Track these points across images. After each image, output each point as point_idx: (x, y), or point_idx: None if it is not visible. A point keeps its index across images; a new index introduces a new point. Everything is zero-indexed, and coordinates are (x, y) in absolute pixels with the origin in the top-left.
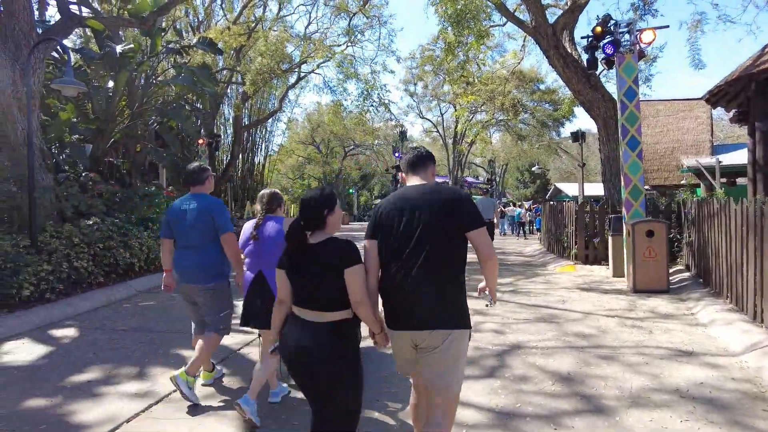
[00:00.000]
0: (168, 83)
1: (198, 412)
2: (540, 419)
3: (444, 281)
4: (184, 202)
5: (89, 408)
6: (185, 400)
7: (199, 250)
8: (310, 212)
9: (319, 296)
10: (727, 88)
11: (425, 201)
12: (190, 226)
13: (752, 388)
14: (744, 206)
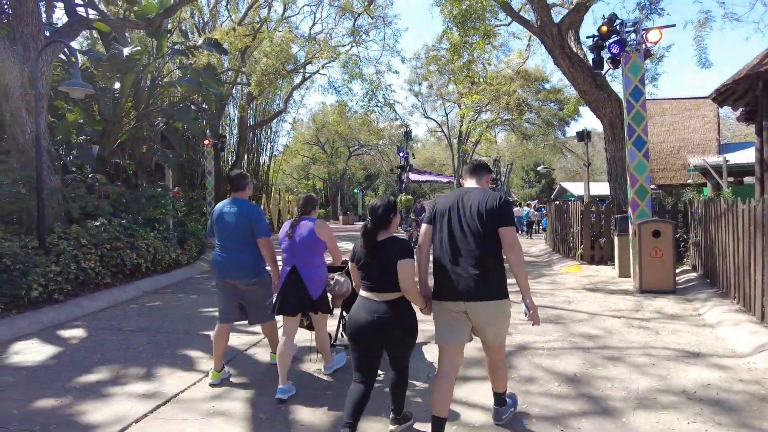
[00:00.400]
0: (174, 84)
1: (207, 410)
2: (546, 420)
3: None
4: (226, 205)
5: (98, 408)
6: None
7: (240, 251)
8: (380, 216)
9: (386, 281)
10: (734, 86)
11: (474, 200)
12: (232, 230)
13: (760, 390)
14: (752, 206)
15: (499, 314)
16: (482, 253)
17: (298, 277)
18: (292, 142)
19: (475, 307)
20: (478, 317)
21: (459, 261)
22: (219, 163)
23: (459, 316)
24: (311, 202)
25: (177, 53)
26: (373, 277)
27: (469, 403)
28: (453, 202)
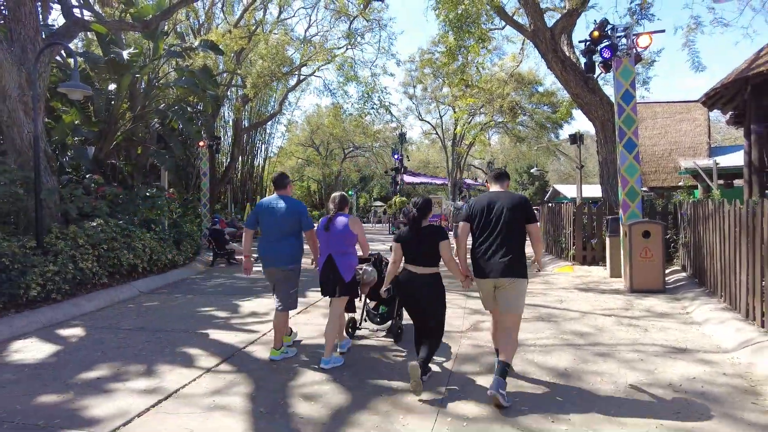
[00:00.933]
0: (170, 86)
1: (208, 405)
2: (538, 412)
3: (516, 246)
4: (272, 201)
5: (100, 403)
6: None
7: (284, 240)
8: (422, 208)
9: (426, 258)
10: (723, 90)
11: (505, 202)
12: (280, 222)
13: (743, 383)
14: (737, 207)
15: (522, 285)
16: (511, 241)
17: (333, 264)
18: (287, 143)
19: (504, 282)
20: (505, 288)
21: (495, 246)
22: (214, 164)
23: (491, 290)
24: (345, 200)
25: (173, 55)
26: (415, 253)
27: (463, 396)
28: (486, 203)
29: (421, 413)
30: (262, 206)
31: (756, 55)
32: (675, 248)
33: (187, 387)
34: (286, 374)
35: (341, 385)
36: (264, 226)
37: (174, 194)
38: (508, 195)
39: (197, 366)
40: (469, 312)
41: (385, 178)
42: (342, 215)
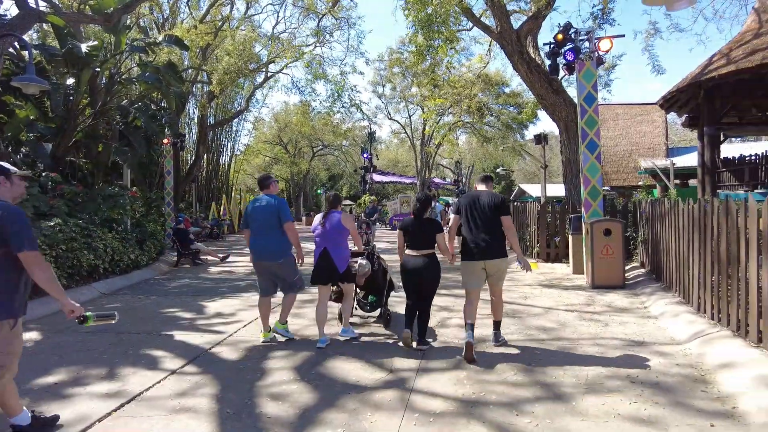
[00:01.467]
0: (133, 81)
1: (173, 407)
2: (503, 406)
3: (498, 236)
4: (257, 200)
5: (58, 409)
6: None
7: (270, 234)
8: (423, 202)
9: (424, 244)
10: (679, 94)
11: (486, 199)
12: (261, 219)
13: (693, 372)
14: (690, 206)
15: (503, 267)
16: (493, 231)
17: (328, 256)
18: (254, 141)
19: (490, 263)
20: (492, 270)
21: (482, 235)
22: (178, 162)
23: (480, 271)
24: (338, 199)
25: (136, 50)
26: (416, 240)
27: (429, 392)
28: (473, 200)
29: (389, 410)
30: (248, 208)
31: (708, 60)
32: (634, 246)
33: (151, 390)
34: (253, 374)
35: (309, 384)
36: (251, 223)
37: (137, 193)
38: (489, 194)
39: (162, 368)
40: (437, 309)
41: (354, 176)
42: (335, 212)
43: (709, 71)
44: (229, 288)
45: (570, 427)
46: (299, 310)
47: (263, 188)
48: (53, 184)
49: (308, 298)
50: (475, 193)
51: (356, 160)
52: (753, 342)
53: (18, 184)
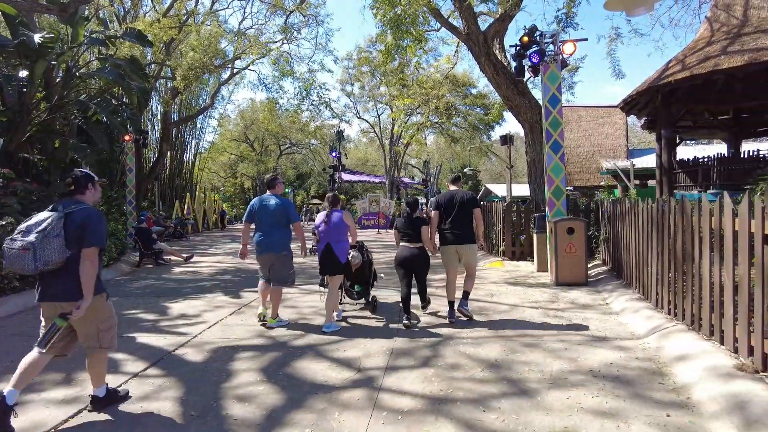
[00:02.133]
0: (92, 76)
1: (140, 409)
2: (470, 403)
3: (469, 226)
4: (264, 198)
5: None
6: None
7: (275, 231)
8: (413, 206)
9: (415, 237)
10: (638, 98)
11: (460, 196)
12: (271, 215)
13: (651, 365)
14: (649, 206)
15: (473, 251)
16: (466, 222)
17: (331, 249)
18: (219, 139)
19: (462, 247)
20: (464, 253)
21: (455, 226)
22: (140, 159)
23: (454, 253)
24: (337, 199)
25: (95, 43)
26: (409, 235)
27: (398, 390)
28: (449, 198)
29: (357, 409)
30: (256, 203)
31: (665, 66)
32: (597, 244)
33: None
34: (218, 376)
35: (276, 384)
36: (258, 219)
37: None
38: (462, 192)
39: (123, 371)
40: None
41: (322, 175)
42: (336, 211)
43: (666, 76)
44: (193, 289)
45: (535, 422)
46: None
47: (270, 188)
48: (5, 181)
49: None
50: (451, 192)
51: (325, 158)
52: (705, 335)
53: (98, 190)
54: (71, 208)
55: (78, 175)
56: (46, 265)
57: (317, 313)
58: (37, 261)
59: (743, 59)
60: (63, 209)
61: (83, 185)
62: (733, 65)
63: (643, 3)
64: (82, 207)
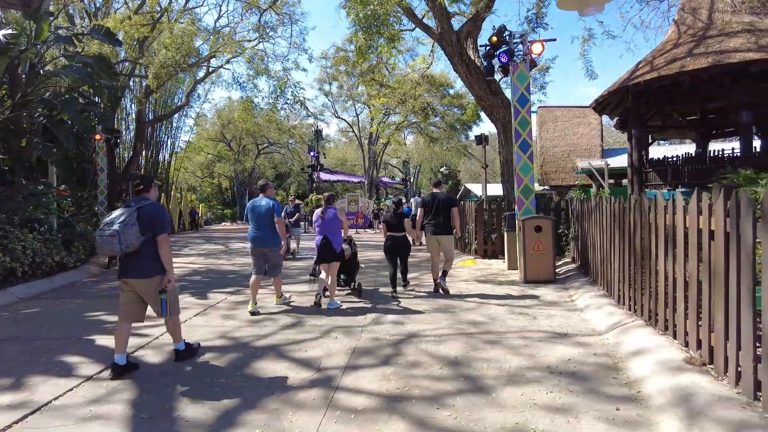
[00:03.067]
0: (58, 74)
1: (83, 416)
2: (425, 400)
3: (448, 221)
4: (257, 200)
5: None
6: None
7: (265, 228)
8: (398, 204)
9: (400, 228)
10: (609, 98)
11: (441, 197)
12: (261, 216)
13: (608, 361)
14: (612, 204)
15: (450, 241)
16: (445, 217)
17: (328, 241)
18: (196, 138)
19: (441, 237)
20: (443, 242)
21: (436, 221)
22: (113, 159)
23: (435, 243)
24: (333, 197)
25: (61, 40)
26: (394, 227)
27: (354, 389)
28: (432, 198)
29: (311, 408)
30: (250, 205)
31: (635, 67)
32: (566, 242)
33: (61, 398)
34: (176, 378)
35: (234, 385)
36: (251, 218)
37: (66, 191)
38: (443, 194)
39: (76, 375)
40: (374, 306)
41: (302, 175)
42: (331, 208)
43: (635, 77)
44: None
45: (488, 419)
46: None
47: (262, 192)
48: None
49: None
50: (433, 194)
51: (304, 158)
52: (661, 330)
53: (157, 188)
54: (141, 204)
55: (144, 179)
56: (128, 248)
57: (285, 313)
58: (122, 244)
59: (707, 61)
60: (135, 205)
61: (148, 186)
62: (698, 67)
63: (594, 3)
64: (149, 202)
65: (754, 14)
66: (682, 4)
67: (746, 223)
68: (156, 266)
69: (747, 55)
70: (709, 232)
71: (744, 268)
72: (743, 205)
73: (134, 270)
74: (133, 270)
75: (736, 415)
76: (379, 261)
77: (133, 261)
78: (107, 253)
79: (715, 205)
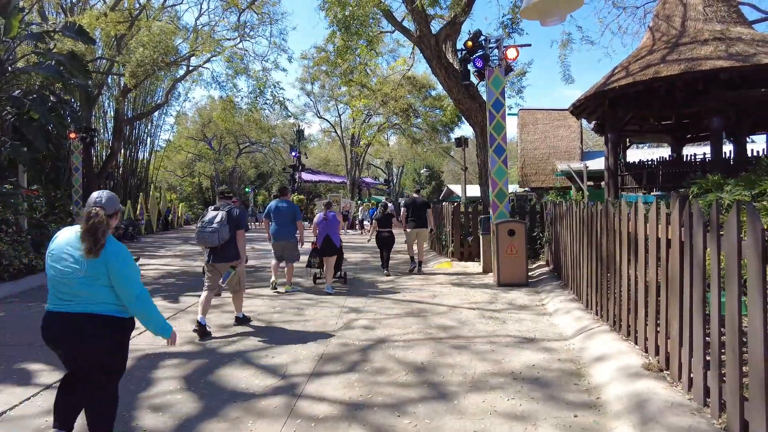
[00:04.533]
0: (27, 71)
1: (38, 426)
2: (387, 408)
3: (424, 218)
4: (278, 202)
5: None
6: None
7: (286, 226)
8: (385, 206)
9: (388, 224)
10: (587, 102)
11: (419, 201)
12: (283, 216)
13: (572, 367)
14: (581, 208)
15: (425, 232)
16: (422, 216)
17: (330, 239)
18: (176, 137)
19: (419, 230)
20: (419, 233)
21: (416, 218)
22: (89, 158)
23: (414, 234)
24: (331, 203)
25: (30, 38)
26: (383, 224)
27: (317, 397)
28: (412, 201)
29: (272, 416)
30: (272, 206)
31: (611, 72)
32: (541, 245)
33: (16, 408)
34: (137, 385)
35: (196, 393)
36: (274, 218)
37: (36, 191)
38: (421, 198)
39: (35, 383)
40: (346, 311)
41: (284, 175)
42: (331, 212)
43: (611, 82)
44: None
45: (446, 426)
46: None
47: (282, 195)
48: None
49: None
50: (413, 198)
51: (286, 158)
52: (624, 335)
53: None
54: (228, 207)
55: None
56: (222, 241)
57: (258, 318)
58: (219, 239)
59: (680, 68)
60: (223, 208)
61: (230, 194)
62: (671, 73)
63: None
64: (234, 206)
65: (724, 23)
66: (656, 11)
67: (697, 233)
68: (235, 253)
69: (717, 63)
70: (666, 241)
71: (696, 276)
72: (695, 215)
73: (222, 257)
74: (222, 257)
75: (685, 422)
76: (357, 263)
77: (223, 250)
78: (207, 245)
79: (672, 215)
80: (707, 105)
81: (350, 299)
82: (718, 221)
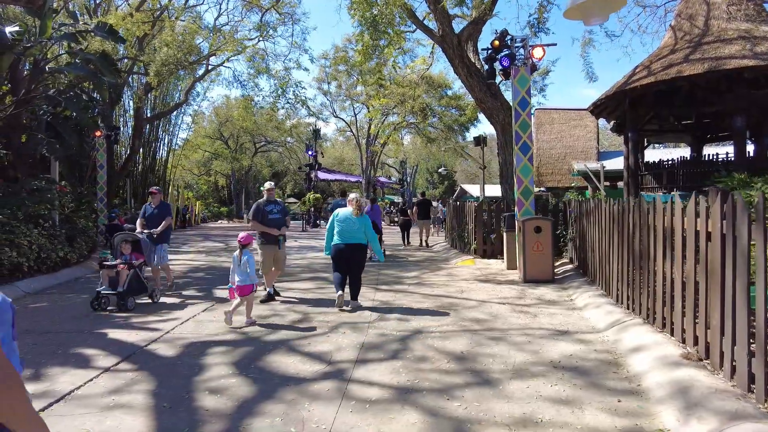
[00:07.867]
0: (61, 71)
1: (107, 404)
2: (435, 392)
3: (429, 213)
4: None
5: None
6: None
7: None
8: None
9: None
10: (607, 101)
11: (425, 201)
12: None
13: (608, 357)
14: (611, 205)
15: (429, 222)
16: (427, 212)
17: (374, 223)
18: (193, 135)
19: (425, 221)
20: (425, 224)
21: (423, 213)
22: (112, 156)
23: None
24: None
25: (64, 38)
26: (404, 215)
27: (366, 381)
28: (421, 201)
29: (327, 399)
30: (334, 205)
31: (632, 71)
32: (564, 243)
33: (82, 388)
34: (190, 370)
35: (248, 377)
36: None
37: (66, 187)
38: (426, 199)
39: (94, 366)
40: (377, 303)
41: (299, 174)
42: (376, 204)
43: (633, 81)
44: (164, 285)
45: (496, 409)
46: None
47: (343, 196)
48: None
49: None
50: (422, 199)
51: (301, 157)
52: (659, 327)
53: None
54: (279, 202)
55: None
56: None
57: (292, 310)
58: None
59: (704, 67)
60: (279, 203)
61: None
62: (694, 72)
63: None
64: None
65: (750, 22)
66: (678, 11)
67: (742, 225)
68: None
69: (742, 62)
70: (705, 234)
71: (740, 267)
72: (739, 207)
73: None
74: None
75: (731, 406)
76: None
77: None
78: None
79: (712, 208)
80: (731, 104)
81: (379, 293)
82: (764, 213)
